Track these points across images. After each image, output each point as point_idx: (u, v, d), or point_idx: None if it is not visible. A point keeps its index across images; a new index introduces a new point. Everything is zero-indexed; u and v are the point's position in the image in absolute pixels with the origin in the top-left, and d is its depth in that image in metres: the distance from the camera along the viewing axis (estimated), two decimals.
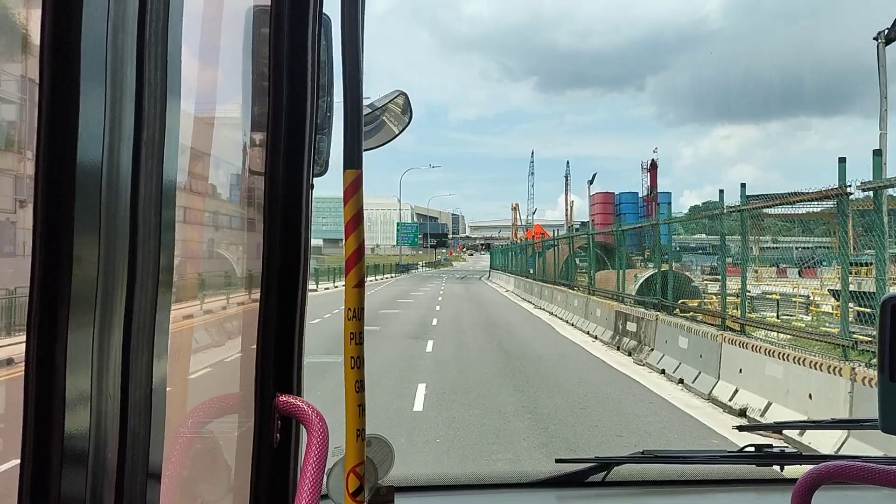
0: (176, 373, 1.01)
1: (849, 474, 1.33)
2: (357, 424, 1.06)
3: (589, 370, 13.82)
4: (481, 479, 2.22)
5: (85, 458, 0.64)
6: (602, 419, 9.62)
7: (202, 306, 1.27)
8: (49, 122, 0.61)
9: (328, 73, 1.18)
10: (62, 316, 0.61)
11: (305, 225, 1.12)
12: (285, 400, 1.06)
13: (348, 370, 1.05)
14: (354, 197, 1.05)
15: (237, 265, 1.41)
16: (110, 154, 0.66)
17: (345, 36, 1.04)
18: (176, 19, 0.75)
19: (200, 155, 1.17)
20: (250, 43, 1.12)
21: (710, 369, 11.29)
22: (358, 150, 1.06)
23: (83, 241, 0.63)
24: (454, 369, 13.63)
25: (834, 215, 9.82)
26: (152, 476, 0.74)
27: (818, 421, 4.59)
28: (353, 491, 1.06)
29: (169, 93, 0.74)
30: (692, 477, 2.14)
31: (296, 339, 1.11)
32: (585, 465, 2.02)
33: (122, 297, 0.69)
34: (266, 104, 1.09)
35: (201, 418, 1.09)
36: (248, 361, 1.09)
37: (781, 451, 2.00)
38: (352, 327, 1.05)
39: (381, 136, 1.42)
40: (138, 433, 0.71)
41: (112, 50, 0.66)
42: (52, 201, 0.61)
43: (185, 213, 1.06)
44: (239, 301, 1.29)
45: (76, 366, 0.62)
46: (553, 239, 36.37)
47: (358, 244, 1.05)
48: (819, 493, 1.28)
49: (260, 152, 1.11)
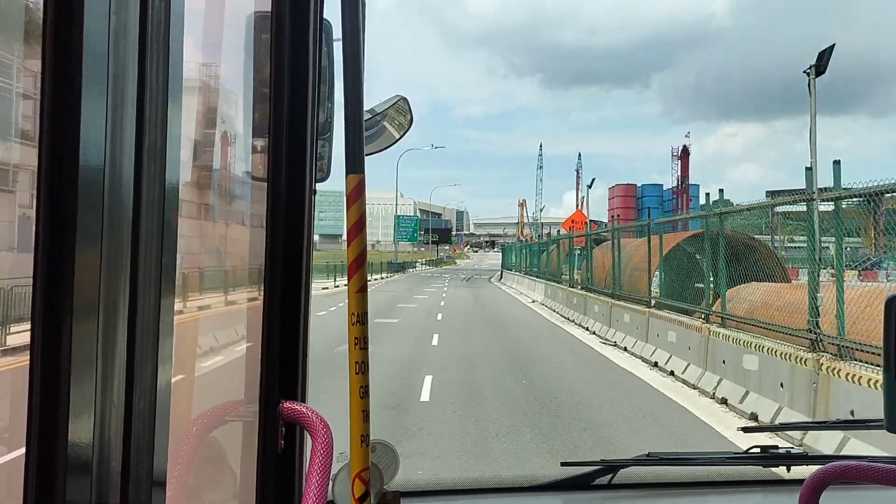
0: (181, 378, 1.01)
1: (856, 474, 1.32)
2: (361, 430, 1.05)
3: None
4: (486, 483, 2.21)
5: (89, 465, 0.64)
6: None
7: (206, 312, 1.27)
8: (51, 127, 0.61)
9: (329, 78, 1.18)
10: (65, 322, 0.61)
11: (308, 230, 1.12)
12: (289, 406, 1.06)
13: (352, 375, 1.05)
14: (357, 202, 1.05)
15: (240, 271, 1.41)
16: (112, 160, 0.65)
17: (345, 41, 1.05)
18: (177, 25, 0.75)
19: (202, 161, 1.17)
20: (251, 49, 1.12)
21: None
22: (360, 155, 1.06)
23: (86, 246, 0.63)
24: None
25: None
26: (157, 483, 0.74)
27: (822, 421, 4.58)
28: (358, 496, 1.06)
29: (170, 99, 0.74)
30: (698, 479, 2.13)
31: (300, 345, 1.11)
32: (591, 468, 2.01)
33: (126, 303, 0.68)
34: (267, 109, 1.09)
35: (206, 424, 1.08)
36: (253, 368, 1.09)
37: (788, 452, 1.99)
38: (356, 332, 1.05)
39: (383, 141, 1.42)
40: (143, 439, 0.71)
41: (114, 56, 0.66)
42: (55, 206, 0.61)
43: (188, 219, 1.06)
44: (242, 307, 1.29)
45: (80, 373, 0.62)
46: (609, 229, 22.82)
47: (361, 249, 1.05)
48: (826, 494, 1.28)
49: (262, 158, 1.11)
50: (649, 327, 14.62)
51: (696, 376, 11.20)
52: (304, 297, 1.12)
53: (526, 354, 14.96)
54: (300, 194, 1.10)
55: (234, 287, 1.40)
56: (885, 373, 1.12)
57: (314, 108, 1.12)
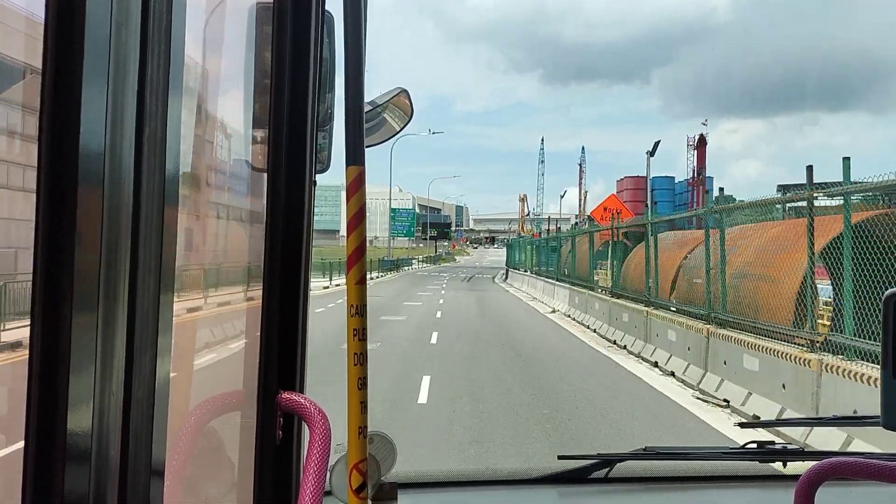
0: (179, 370, 1.01)
1: (852, 470, 1.33)
2: (359, 422, 1.06)
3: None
4: (484, 476, 2.22)
5: (88, 455, 0.64)
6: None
7: (205, 303, 1.27)
8: (51, 119, 0.61)
9: (330, 70, 1.18)
10: (65, 313, 0.61)
11: (308, 221, 1.12)
12: (288, 397, 1.06)
13: (351, 367, 1.05)
14: (357, 193, 1.05)
15: (239, 262, 1.41)
16: (113, 151, 0.66)
17: (347, 33, 1.04)
18: (179, 16, 0.74)
19: (203, 152, 1.17)
20: (253, 40, 1.12)
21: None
22: (360, 147, 1.06)
23: (86, 237, 0.63)
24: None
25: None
26: (156, 473, 0.74)
27: (820, 418, 4.59)
28: (356, 488, 1.06)
29: (171, 89, 0.74)
30: (694, 473, 2.14)
31: (298, 335, 1.11)
32: (588, 462, 2.02)
33: (125, 293, 0.68)
34: (268, 101, 1.09)
35: (204, 415, 1.09)
36: (251, 358, 1.09)
37: (784, 448, 2.00)
38: (354, 324, 1.05)
39: (383, 133, 1.43)
40: (141, 430, 0.71)
41: (115, 47, 0.66)
42: (55, 198, 0.61)
43: (188, 210, 1.06)
44: (241, 297, 1.29)
45: (79, 363, 0.62)
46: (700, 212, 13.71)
47: (360, 241, 1.05)
48: (822, 490, 1.28)
49: (262, 149, 1.11)
50: (820, 387, 7.82)
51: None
52: (304, 288, 1.12)
53: (584, 433, 8.45)
54: (300, 186, 1.10)
55: (233, 278, 1.40)
56: (883, 371, 1.13)
57: (315, 100, 1.12)
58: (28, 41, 0.70)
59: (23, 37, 0.73)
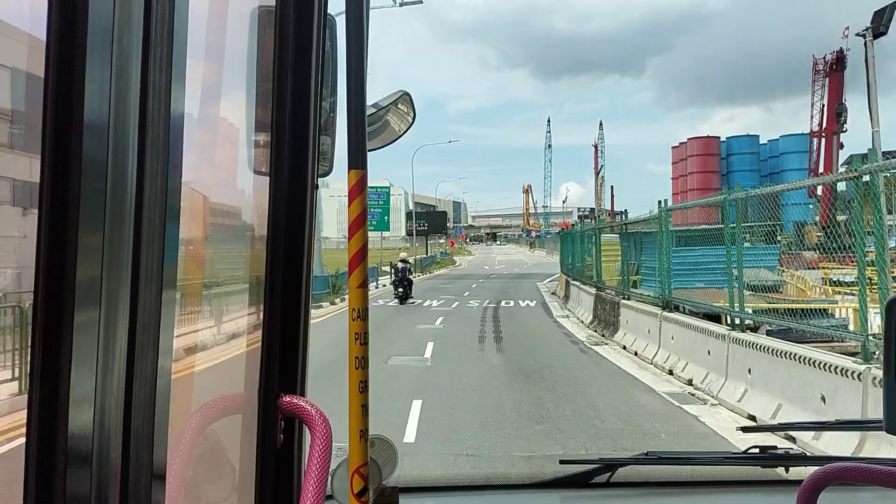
0: (180, 372, 1.01)
1: (854, 475, 1.32)
2: (360, 425, 1.06)
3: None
4: (485, 480, 2.21)
5: (89, 457, 0.64)
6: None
7: (206, 305, 1.27)
8: (54, 122, 0.61)
9: (332, 73, 1.18)
10: (67, 314, 0.61)
11: (310, 225, 1.12)
12: (289, 400, 1.06)
13: (352, 370, 1.05)
14: (359, 197, 1.06)
15: (241, 264, 1.41)
16: (115, 154, 0.66)
17: (349, 36, 1.05)
18: (181, 20, 0.75)
19: (205, 155, 1.17)
20: (255, 43, 1.12)
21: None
22: (362, 151, 1.06)
23: (88, 239, 0.63)
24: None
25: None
26: (157, 476, 0.74)
27: (823, 422, 4.58)
28: (357, 491, 1.06)
29: (173, 93, 0.74)
30: (696, 478, 2.13)
31: (300, 339, 1.11)
32: (590, 467, 2.01)
33: (127, 295, 0.69)
34: (270, 104, 1.09)
35: (205, 418, 1.09)
36: (253, 361, 1.09)
37: (786, 453, 1.99)
38: (356, 328, 1.05)
39: (386, 137, 1.43)
40: (142, 433, 0.71)
41: (117, 50, 0.66)
42: (57, 200, 0.61)
43: (190, 213, 1.06)
44: (243, 300, 1.29)
45: (80, 365, 0.62)
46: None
47: (362, 244, 1.06)
48: (824, 495, 1.28)
49: (265, 153, 1.11)
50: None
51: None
52: (306, 291, 1.12)
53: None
54: (302, 189, 1.11)
55: (235, 280, 1.40)
56: (885, 375, 1.13)
57: (317, 103, 1.12)
58: (30, 47, 0.70)
59: (25, 42, 0.73)
